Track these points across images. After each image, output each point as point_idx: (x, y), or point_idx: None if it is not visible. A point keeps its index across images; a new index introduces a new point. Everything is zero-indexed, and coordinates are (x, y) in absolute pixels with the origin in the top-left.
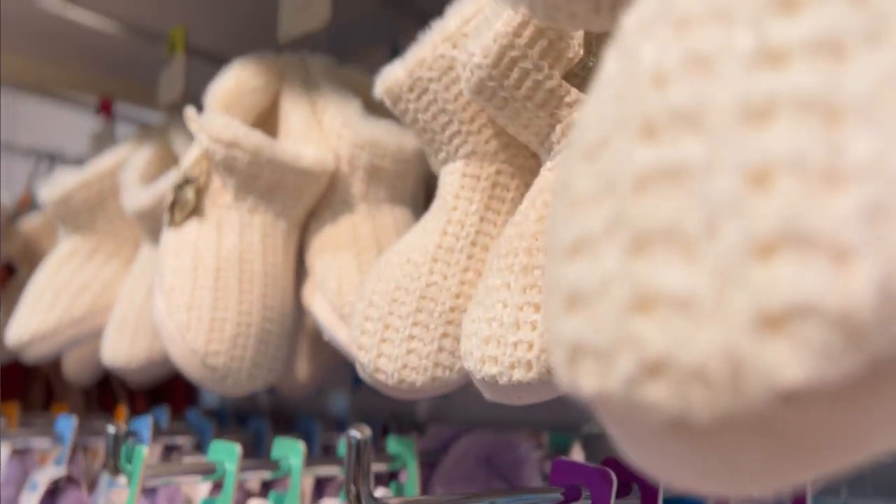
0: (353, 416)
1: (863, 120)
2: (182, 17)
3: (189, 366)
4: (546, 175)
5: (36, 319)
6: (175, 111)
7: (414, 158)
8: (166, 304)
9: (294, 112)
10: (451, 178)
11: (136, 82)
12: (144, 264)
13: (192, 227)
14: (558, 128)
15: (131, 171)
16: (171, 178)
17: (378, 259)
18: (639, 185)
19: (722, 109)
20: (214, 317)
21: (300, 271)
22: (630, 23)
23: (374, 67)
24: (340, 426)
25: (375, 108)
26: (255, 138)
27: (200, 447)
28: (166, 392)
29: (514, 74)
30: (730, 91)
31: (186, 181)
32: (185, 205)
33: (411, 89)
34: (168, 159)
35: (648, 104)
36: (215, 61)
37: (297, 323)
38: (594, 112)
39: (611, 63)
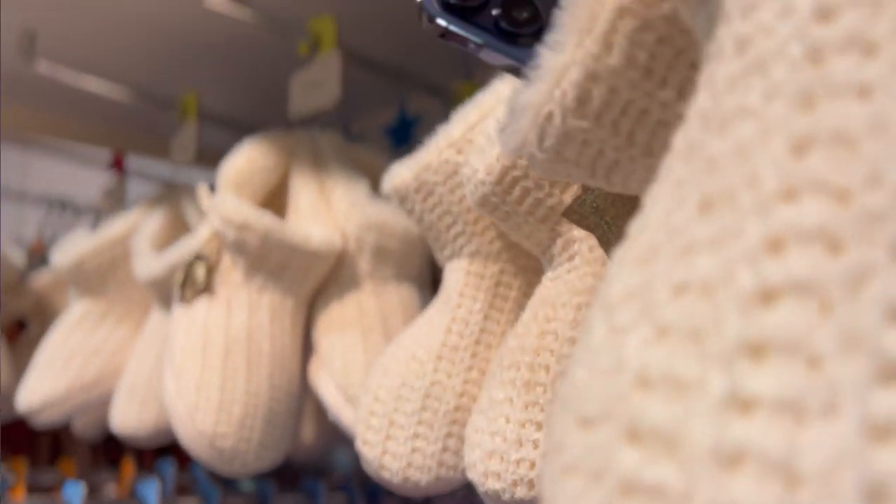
0: (357, 475)
1: (818, 494)
2: (194, 81)
3: (197, 447)
4: (547, 285)
5: (47, 385)
6: (186, 174)
7: (420, 240)
8: (176, 385)
9: (303, 191)
10: (456, 276)
11: (149, 136)
12: (154, 330)
13: (202, 305)
14: (559, 241)
15: (142, 238)
16: (183, 247)
17: (384, 351)
18: (625, 490)
19: (697, 445)
20: (223, 398)
21: (306, 346)
22: (615, 291)
23: (382, 128)
24: (346, 486)
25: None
26: (266, 221)
27: None
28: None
29: (516, 192)
30: (704, 428)
31: (198, 259)
32: (196, 282)
33: (417, 191)
34: (179, 225)
35: (633, 407)
36: (225, 124)
37: (303, 402)
38: (583, 378)
39: (598, 323)
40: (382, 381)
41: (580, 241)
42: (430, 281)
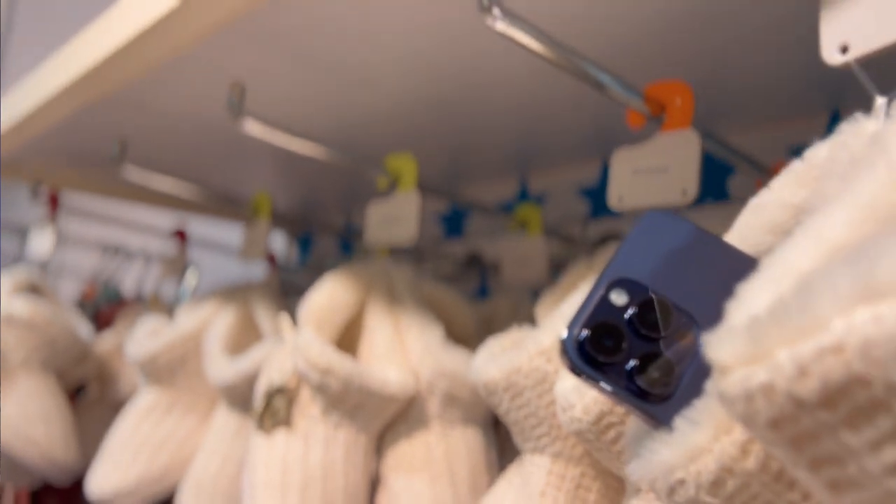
0: None
1: None
2: (264, 183)
3: None
4: None
5: (117, 476)
6: (255, 266)
7: None
8: None
9: (379, 329)
10: (538, 472)
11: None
12: (221, 428)
13: (280, 437)
14: None
15: (214, 339)
16: (256, 354)
17: None
18: None
19: None
20: None
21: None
22: None
23: (435, 215)
24: None
25: (455, 332)
26: (347, 367)
27: None
28: None
29: (611, 434)
30: None
31: (279, 391)
32: (276, 414)
33: (506, 390)
34: (249, 325)
35: None
36: (288, 221)
37: None
38: None
39: None
40: None
41: None
42: (493, 421)
